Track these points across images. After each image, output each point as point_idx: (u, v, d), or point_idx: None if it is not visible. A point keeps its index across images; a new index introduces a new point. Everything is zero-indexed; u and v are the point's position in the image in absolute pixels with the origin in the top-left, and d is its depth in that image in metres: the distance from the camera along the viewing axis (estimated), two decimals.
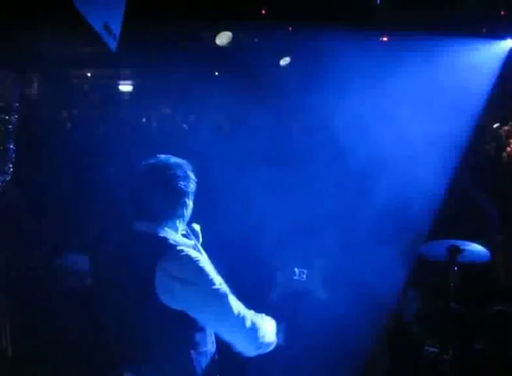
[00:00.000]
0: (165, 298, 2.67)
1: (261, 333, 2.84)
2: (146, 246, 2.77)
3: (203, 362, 2.82)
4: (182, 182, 2.84)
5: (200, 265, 2.72)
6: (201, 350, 2.81)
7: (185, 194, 2.88)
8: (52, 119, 10.66)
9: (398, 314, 5.29)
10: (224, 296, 2.74)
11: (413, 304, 5.23)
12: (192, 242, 3.01)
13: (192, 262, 2.71)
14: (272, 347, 2.96)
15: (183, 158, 2.99)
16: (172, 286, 2.65)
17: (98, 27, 4.44)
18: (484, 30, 9.00)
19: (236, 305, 2.78)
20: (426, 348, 4.74)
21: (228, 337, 2.80)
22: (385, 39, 9.54)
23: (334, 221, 5.94)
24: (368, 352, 5.18)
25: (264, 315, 3.00)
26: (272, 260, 5.99)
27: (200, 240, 3.25)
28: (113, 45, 4.69)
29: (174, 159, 2.92)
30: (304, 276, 5.30)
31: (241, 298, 3.08)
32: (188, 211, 2.95)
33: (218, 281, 2.75)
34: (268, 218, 6.18)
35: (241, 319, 2.76)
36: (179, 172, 2.86)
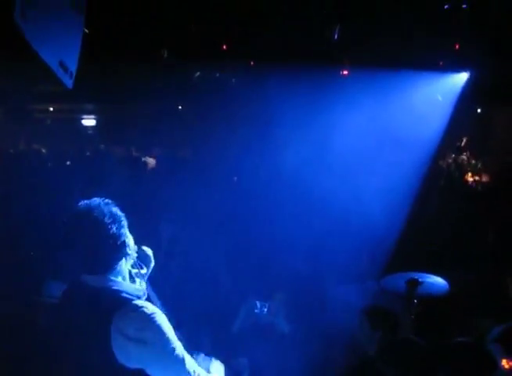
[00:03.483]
0: (121, 357, 2.53)
1: None
2: (97, 303, 2.61)
3: None
4: (112, 227, 2.65)
5: (157, 323, 2.58)
6: None
7: (120, 236, 2.69)
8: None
9: (359, 347, 5.28)
10: (180, 356, 2.62)
11: (373, 337, 5.22)
12: (143, 287, 2.87)
13: (149, 320, 2.57)
14: None
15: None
16: (128, 346, 2.53)
17: (53, 64, 4.40)
18: (440, 64, 9.24)
19: (192, 364, 2.68)
20: None
21: None
22: (345, 73, 9.70)
23: (295, 255, 5.95)
24: None
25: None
26: (235, 293, 5.97)
27: (152, 263, 3.12)
28: (69, 82, 4.66)
29: (93, 203, 2.69)
30: (265, 309, 5.27)
31: (203, 330, 3.04)
32: (130, 248, 2.77)
33: (175, 340, 2.62)
34: (232, 251, 6.19)
35: None
36: (106, 218, 2.65)
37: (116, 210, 2.74)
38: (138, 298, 2.69)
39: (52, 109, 15.62)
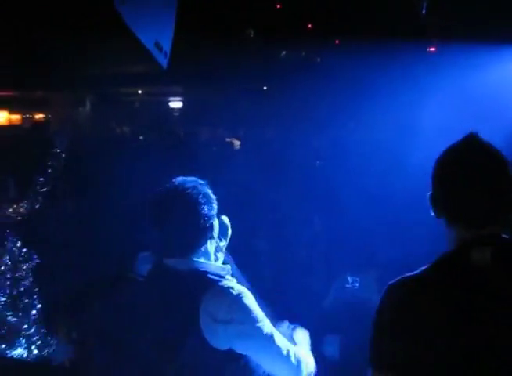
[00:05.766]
0: (210, 339, 2.54)
1: (303, 367, 2.76)
2: (185, 285, 2.61)
3: None
4: (205, 207, 2.63)
5: (244, 303, 2.58)
6: None
7: (211, 217, 2.67)
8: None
9: None
10: (269, 334, 2.63)
11: None
12: (229, 266, 2.84)
13: (236, 302, 2.57)
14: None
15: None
16: (217, 329, 2.54)
17: (149, 45, 4.54)
18: None
19: (282, 342, 2.69)
20: None
21: (272, 371, 2.72)
22: (433, 49, 9.48)
23: (392, 231, 5.90)
24: None
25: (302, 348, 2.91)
26: (327, 268, 5.96)
27: (230, 232, 3.00)
28: (163, 61, 4.79)
29: (189, 182, 2.67)
30: (357, 284, 5.23)
31: (294, 307, 3.05)
32: (217, 231, 2.76)
33: (262, 318, 2.62)
34: (324, 227, 6.19)
35: (286, 356, 2.67)
36: (200, 197, 2.63)
37: (209, 191, 2.70)
38: (223, 277, 2.66)
39: (140, 91, 15.99)
